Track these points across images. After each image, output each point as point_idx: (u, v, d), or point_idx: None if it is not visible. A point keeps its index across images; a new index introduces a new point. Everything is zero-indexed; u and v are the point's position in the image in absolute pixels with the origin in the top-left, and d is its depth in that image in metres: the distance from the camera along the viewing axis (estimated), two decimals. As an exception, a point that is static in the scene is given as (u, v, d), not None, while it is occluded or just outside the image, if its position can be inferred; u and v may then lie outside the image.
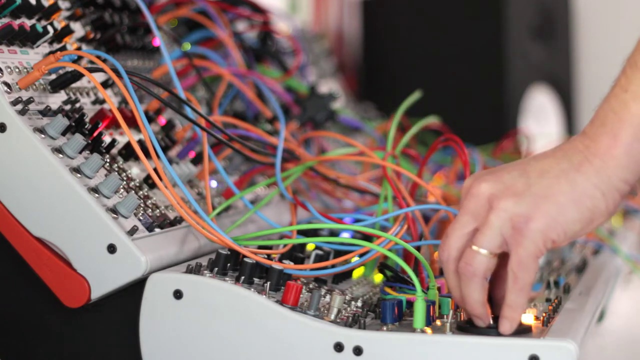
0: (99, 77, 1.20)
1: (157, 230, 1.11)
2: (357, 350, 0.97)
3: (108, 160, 1.15)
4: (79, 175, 1.07)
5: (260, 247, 1.11)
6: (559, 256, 1.46)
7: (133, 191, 1.14)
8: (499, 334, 0.97)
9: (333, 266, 1.15)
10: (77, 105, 1.17)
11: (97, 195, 1.07)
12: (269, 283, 1.04)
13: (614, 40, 2.64)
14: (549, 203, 0.95)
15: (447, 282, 1.00)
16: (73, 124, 1.12)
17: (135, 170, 1.18)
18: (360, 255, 1.15)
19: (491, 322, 0.99)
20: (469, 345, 0.95)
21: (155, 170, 1.08)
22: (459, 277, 0.99)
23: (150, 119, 1.28)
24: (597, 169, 0.95)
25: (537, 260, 0.96)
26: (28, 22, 1.17)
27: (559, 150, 0.98)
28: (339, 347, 0.98)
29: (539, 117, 2.50)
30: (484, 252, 0.97)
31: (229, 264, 1.08)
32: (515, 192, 0.96)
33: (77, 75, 1.15)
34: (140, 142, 1.18)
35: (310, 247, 1.20)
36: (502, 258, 0.98)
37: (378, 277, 1.22)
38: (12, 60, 1.13)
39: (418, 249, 1.14)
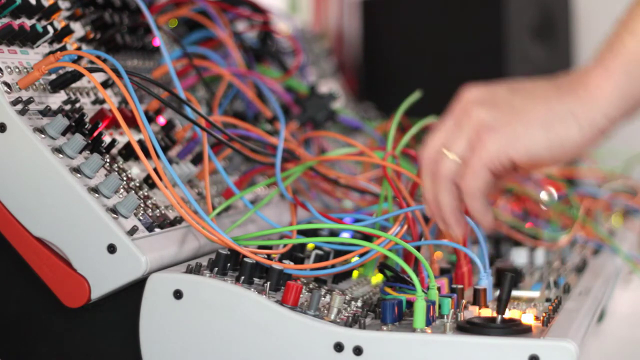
0: (99, 77, 1.20)
1: (157, 230, 1.11)
2: (357, 350, 0.97)
3: (108, 160, 1.15)
4: (79, 175, 1.07)
5: (260, 247, 1.11)
6: (559, 256, 1.46)
7: (133, 191, 1.14)
8: (499, 334, 0.97)
9: (333, 266, 1.15)
10: (77, 105, 1.17)
11: (97, 195, 1.07)
12: (269, 283, 1.04)
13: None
14: (518, 120, 0.96)
15: (422, 182, 1.01)
16: (73, 124, 1.12)
17: (135, 170, 1.19)
18: (360, 255, 1.15)
19: (462, 237, 1.02)
20: (469, 345, 0.96)
21: (155, 170, 1.08)
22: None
23: (150, 119, 1.28)
24: (582, 98, 0.95)
25: (488, 172, 0.96)
26: (28, 22, 1.17)
27: (555, 78, 0.98)
28: (339, 347, 0.98)
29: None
30: (451, 156, 0.98)
31: (229, 264, 1.08)
32: (494, 102, 0.97)
33: (77, 75, 1.15)
34: (140, 142, 1.18)
35: (310, 246, 1.20)
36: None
37: (376, 278, 1.22)
38: (12, 60, 1.13)
39: (418, 249, 1.14)
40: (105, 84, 1.22)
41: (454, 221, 1.01)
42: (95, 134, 1.14)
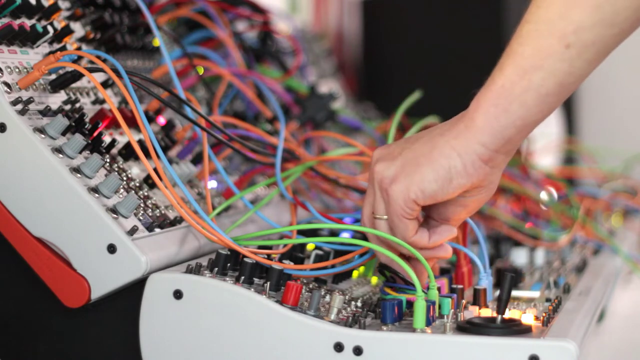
0: (99, 77, 1.20)
1: (157, 230, 1.11)
2: (357, 350, 0.97)
3: (108, 160, 1.15)
4: (79, 175, 1.07)
5: (260, 247, 1.11)
6: (559, 256, 1.46)
7: (133, 191, 1.14)
8: (499, 334, 0.97)
9: (333, 266, 1.15)
10: (77, 105, 1.17)
11: (97, 195, 1.07)
12: (269, 283, 1.04)
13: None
14: (410, 165, 1.03)
15: (376, 250, 1.07)
16: (73, 124, 1.12)
17: (135, 170, 1.19)
18: (360, 255, 1.15)
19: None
20: (469, 345, 0.96)
21: (155, 170, 1.08)
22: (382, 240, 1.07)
23: (150, 119, 1.28)
24: (459, 132, 1.02)
25: (405, 220, 1.04)
26: (28, 22, 1.17)
27: (446, 121, 1.06)
28: (339, 347, 0.98)
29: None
30: (379, 217, 1.06)
31: (229, 264, 1.08)
32: (390, 156, 1.05)
33: (77, 75, 1.15)
34: (140, 142, 1.18)
35: (310, 247, 1.20)
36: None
37: (373, 280, 1.22)
38: (12, 60, 1.13)
39: (418, 249, 1.13)
40: (105, 84, 1.22)
41: (443, 253, 1.08)
42: (95, 134, 1.14)
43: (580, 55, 0.98)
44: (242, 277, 1.05)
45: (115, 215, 1.07)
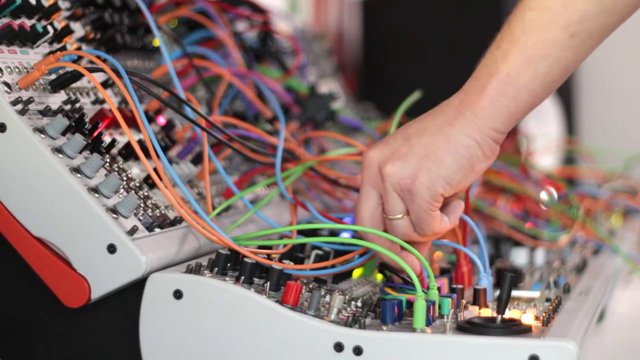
0: (99, 77, 1.20)
1: (157, 230, 1.11)
2: (357, 350, 0.97)
3: (108, 160, 1.15)
4: (79, 175, 1.07)
5: (260, 247, 1.11)
6: (559, 256, 1.46)
7: (133, 191, 1.14)
8: (499, 334, 0.97)
9: (333, 266, 1.15)
10: (77, 105, 1.17)
11: (97, 195, 1.07)
12: (269, 283, 1.04)
13: (613, 39, 2.63)
14: (429, 161, 1.03)
15: (377, 251, 1.07)
16: (73, 124, 1.12)
17: (135, 170, 1.19)
18: (360, 255, 1.15)
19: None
20: (468, 345, 0.96)
21: (155, 170, 1.08)
22: (385, 241, 1.07)
23: (150, 119, 1.28)
24: (469, 120, 1.03)
25: (432, 213, 1.04)
26: (28, 22, 1.17)
27: (438, 108, 1.07)
28: (339, 347, 0.98)
29: (539, 117, 2.49)
30: (398, 217, 1.06)
31: (229, 264, 1.08)
32: (399, 156, 1.04)
33: (77, 75, 1.15)
34: (140, 142, 1.18)
35: None
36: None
37: (378, 277, 1.22)
38: (12, 60, 1.13)
39: (418, 249, 1.13)
40: (105, 84, 1.22)
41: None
42: (95, 134, 1.14)
43: (584, 43, 1.00)
44: (242, 277, 1.05)
45: (115, 215, 1.07)
